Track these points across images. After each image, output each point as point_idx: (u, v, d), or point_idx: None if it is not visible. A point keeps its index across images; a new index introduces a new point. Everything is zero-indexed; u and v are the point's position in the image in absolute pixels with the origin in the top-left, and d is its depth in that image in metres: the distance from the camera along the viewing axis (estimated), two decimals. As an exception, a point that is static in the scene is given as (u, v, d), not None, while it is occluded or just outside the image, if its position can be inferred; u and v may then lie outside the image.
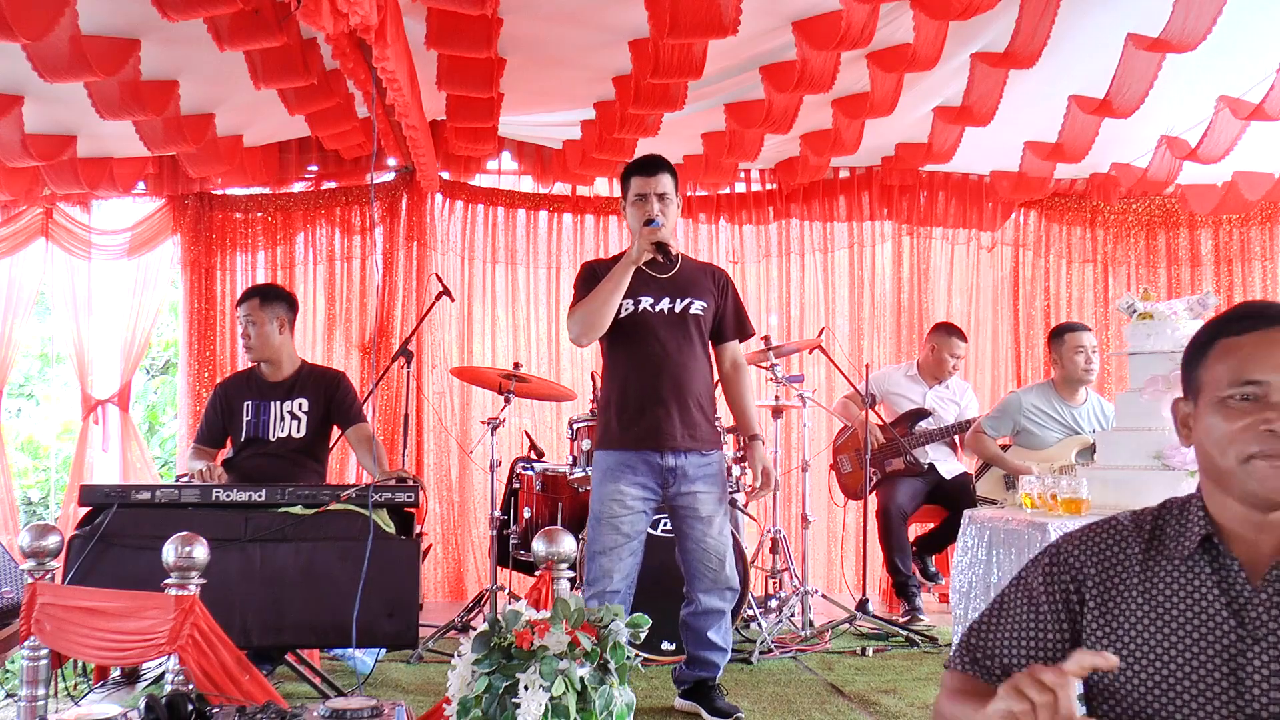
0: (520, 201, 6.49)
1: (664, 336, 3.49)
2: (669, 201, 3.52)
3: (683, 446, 3.46)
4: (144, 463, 6.21)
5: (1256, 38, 4.26)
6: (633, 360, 3.50)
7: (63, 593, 2.87)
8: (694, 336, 3.53)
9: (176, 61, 4.25)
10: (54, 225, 6.04)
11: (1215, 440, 1.33)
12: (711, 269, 3.75)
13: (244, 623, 3.18)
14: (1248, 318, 1.35)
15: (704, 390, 3.56)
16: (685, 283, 3.57)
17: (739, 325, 3.67)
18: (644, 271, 3.51)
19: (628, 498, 3.44)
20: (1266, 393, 1.29)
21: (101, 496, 3.42)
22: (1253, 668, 1.26)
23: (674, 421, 3.45)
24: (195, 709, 2.17)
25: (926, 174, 6.49)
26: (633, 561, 3.47)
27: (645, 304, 3.50)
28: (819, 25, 4.07)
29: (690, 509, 3.49)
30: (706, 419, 3.54)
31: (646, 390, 3.47)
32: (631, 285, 3.46)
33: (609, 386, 3.58)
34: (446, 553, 6.20)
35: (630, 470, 3.46)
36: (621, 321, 3.48)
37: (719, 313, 3.62)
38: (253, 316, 4.16)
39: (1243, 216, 6.69)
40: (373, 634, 3.33)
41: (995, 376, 6.72)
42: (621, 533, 3.42)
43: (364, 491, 3.41)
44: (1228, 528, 1.34)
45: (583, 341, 3.54)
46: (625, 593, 3.46)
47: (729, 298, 3.65)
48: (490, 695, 2.22)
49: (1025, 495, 3.51)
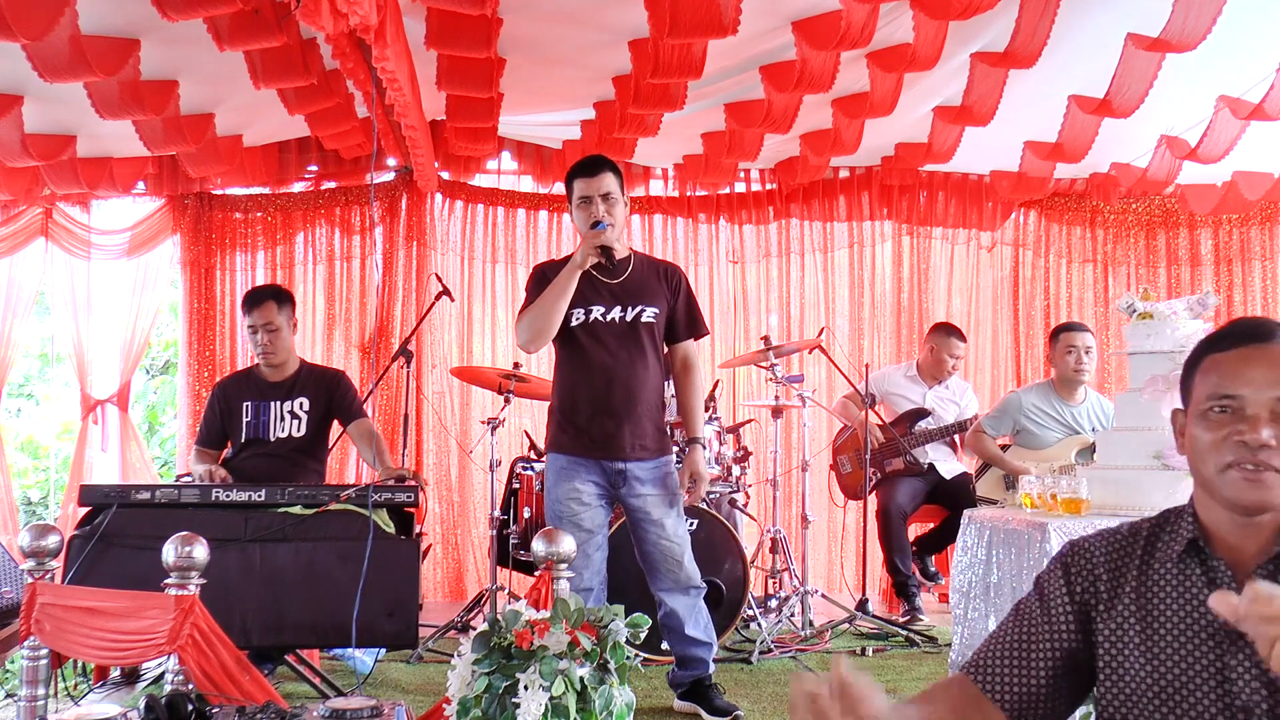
0: (520, 201, 6.49)
1: (614, 347, 3.50)
2: (614, 201, 3.51)
3: (630, 456, 3.50)
4: (143, 463, 6.21)
5: (1256, 38, 4.26)
6: (583, 369, 3.51)
7: (63, 593, 2.87)
8: (645, 344, 3.54)
9: (176, 61, 4.25)
10: (54, 225, 6.04)
11: (1198, 450, 1.43)
12: (664, 267, 3.72)
13: (244, 623, 3.18)
14: (1232, 336, 1.46)
15: (654, 399, 3.59)
16: (636, 288, 3.56)
17: (691, 325, 3.67)
18: (593, 276, 3.51)
19: (584, 494, 3.48)
20: (1241, 406, 1.39)
21: (101, 496, 3.42)
22: (1236, 661, 1.34)
23: (623, 432, 3.48)
24: (195, 709, 2.17)
25: (926, 174, 6.49)
26: (600, 556, 3.51)
27: (596, 314, 3.50)
28: (819, 25, 4.07)
29: (642, 512, 3.53)
30: (656, 427, 3.58)
31: (597, 400, 3.49)
32: (582, 292, 3.46)
33: (560, 392, 3.60)
34: (446, 553, 6.20)
35: (583, 469, 3.50)
36: (572, 330, 3.50)
37: (671, 313, 3.62)
38: (272, 322, 4.11)
39: (1243, 216, 6.69)
40: (373, 634, 3.33)
41: (995, 376, 6.71)
42: (584, 529, 3.44)
43: (364, 491, 3.41)
44: (1215, 532, 1.43)
45: (530, 348, 3.57)
46: (599, 589, 3.49)
47: (681, 297, 3.64)
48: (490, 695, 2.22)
49: (1025, 495, 3.51)
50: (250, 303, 4.19)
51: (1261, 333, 1.43)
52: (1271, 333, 1.42)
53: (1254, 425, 1.37)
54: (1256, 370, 1.39)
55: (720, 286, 6.60)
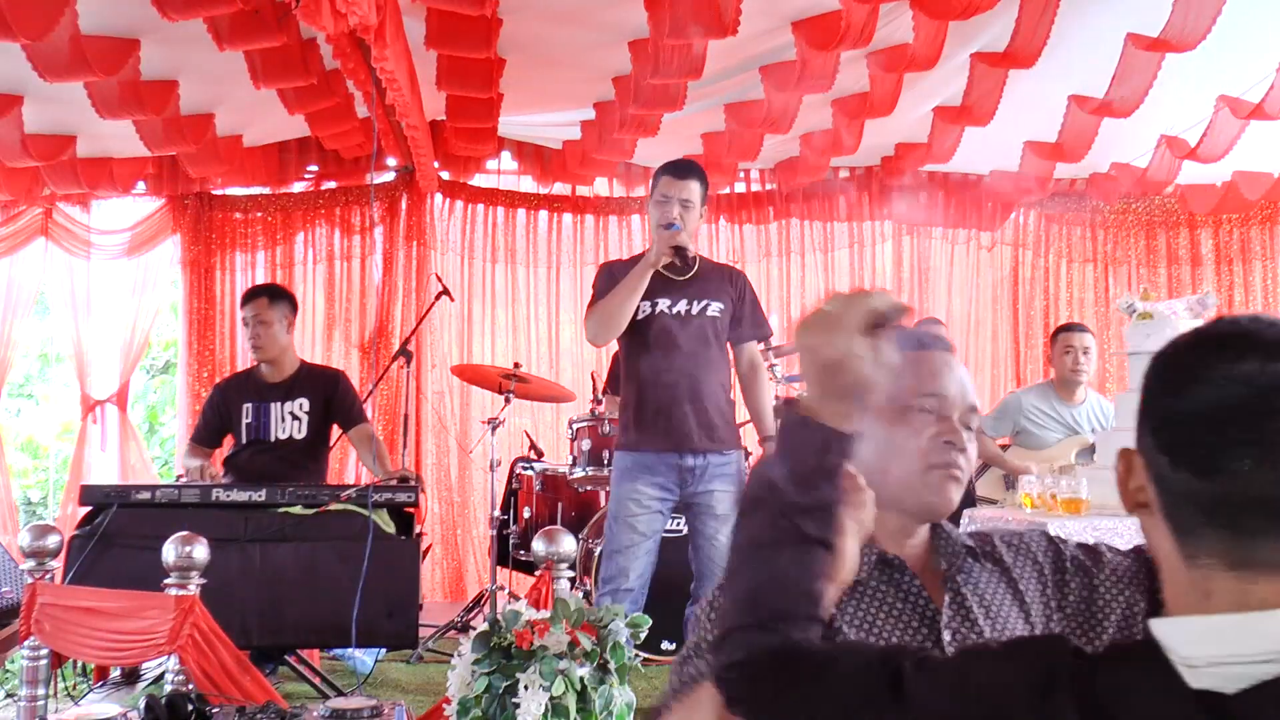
0: (520, 201, 6.49)
1: (681, 339, 3.50)
2: (691, 208, 3.51)
3: (700, 447, 3.47)
4: (143, 463, 6.21)
5: (1256, 38, 4.26)
6: (650, 362, 3.51)
7: (63, 593, 2.87)
8: (711, 338, 3.54)
9: (176, 61, 4.25)
10: (54, 225, 6.04)
11: None
12: (729, 270, 3.76)
13: (244, 623, 3.18)
14: None
15: (721, 391, 3.57)
16: (703, 285, 3.57)
17: (756, 326, 3.68)
18: (661, 274, 3.52)
19: (644, 497, 3.45)
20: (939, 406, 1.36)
21: (101, 496, 3.42)
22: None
23: (690, 423, 3.46)
24: (195, 709, 2.17)
25: (926, 174, 6.49)
26: (647, 560, 3.47)
27: (662, 306, 3.51)
28: (819, 25, 4.07)
29: (706, 506, 3.49)
30: (724, 419, 3.56)
31: (664, 392, 3.47)
32: (650, 287, 3.47)
33: (627, 388, 3.59)
34: (446, 553, 6.19)
35: (648, 471, 3.46)
36: (639, 324, 3.50)
37: (736, 314, 3.62)
38: (261, 315, 4.13)
39: (1243, 216, 6.69)
40: (372, 634, 3.34)
41: (995, 376, 6.71)
42: (638, 531, 3.42)
43: (364, 491, 3.41)
44: None
45: (599, 341, 3.58)
46: (639, 591, 3.46)
47: (746, 299, 3.66)
48: (490, 695, 2.22)
49: (1025, 495, 3.51)
50: (246, 298, 4.28)
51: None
52: None
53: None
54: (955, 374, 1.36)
55: (720, 286, 6.59)
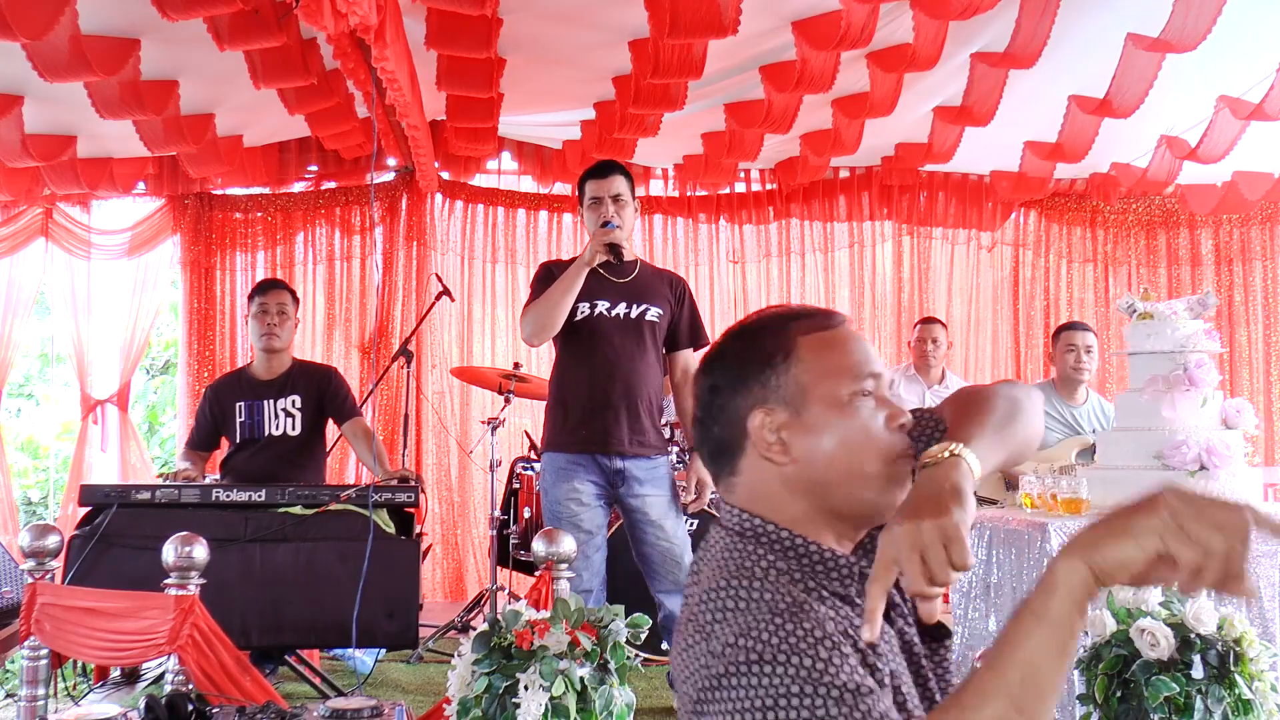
0: (520, 201, 6.49)
1: (617, 341, 3.51)
2: (624, 204, 3.54)
3: (630, 451, 3.49)
4: (143, 463, 6.21)
5: (1256, 38, 4.25)
6: (585, 363, 3.52)
7: (63, 593, 2.87)
8: (647, 343, 3.56)
9: (176, 61, 4.25)
10: (54, 225, 6.04)
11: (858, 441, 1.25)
12: (669, 276, 3.77)
13: (244, 623, 3.18)
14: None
15: (654, 396, 3.59)
16: (642, 288, 3.58)
17: (693, 333, 3.69)
18: (601, 275, 3.52)
19: (584, 495, 3.46)
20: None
21: (101, 496, 3.42)
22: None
23: (622, 427, 3.48)
24: (195, 709, 2.17)
25: (926, 174, 6.49)
26: (600, 557, 3.50)
27: (601, 308, 3.51)
28: (819, 25, 4.07)
29: (640, 512, 3.52)
30: (654, 425, 3.58)
31: (597, 394, 3.49)
32: (588, 288, 3.47)
33: (559, 387, 3.60)
34: (446, 553, 6.19)
35: (582, 469, 3.48)
36: (576, 324, 3.50)
37: (674, 320, 3.64)
38: (285, 307, 4.18)
39: (1243, 216, 6.68)
40: (372, 634, 3.34)
41: (995, 376, 6.70)
42: (584, 530, 3.42)
43: (364, 491, 3.41)
44: None
45: (534, 341, 3.57)
46: (599, 590, 3.48)
47: (685, 306, 3.67)
48: (490, 695, 2.22)
49: (1025, 495, 3.50)
50: (264, 287, 4.28)
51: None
52: None
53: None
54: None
55: (720, 287, 6.60)
